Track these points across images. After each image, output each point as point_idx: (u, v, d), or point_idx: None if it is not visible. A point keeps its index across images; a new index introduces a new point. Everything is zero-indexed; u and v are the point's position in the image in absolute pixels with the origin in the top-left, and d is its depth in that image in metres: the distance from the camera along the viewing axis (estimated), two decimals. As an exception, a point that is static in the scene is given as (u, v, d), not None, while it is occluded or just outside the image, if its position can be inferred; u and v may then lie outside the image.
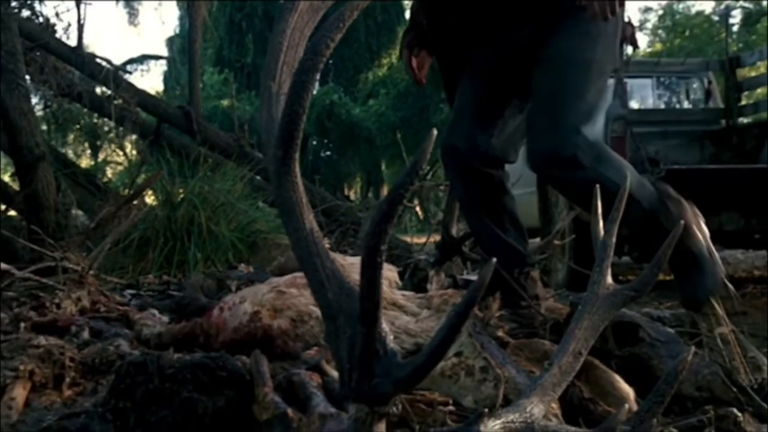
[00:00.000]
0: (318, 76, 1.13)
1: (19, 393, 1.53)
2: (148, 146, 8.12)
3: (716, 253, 2.46)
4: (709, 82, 7.78)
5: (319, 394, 1.32)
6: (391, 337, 1.06)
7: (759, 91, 11.18)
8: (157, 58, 24.75)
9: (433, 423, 1.37)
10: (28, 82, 5.75)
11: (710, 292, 2.28)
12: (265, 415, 1.27)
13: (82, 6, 8.54)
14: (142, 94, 8.39)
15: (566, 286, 5.31)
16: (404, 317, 1.79)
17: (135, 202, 4.97)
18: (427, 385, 1.44)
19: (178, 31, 25.99)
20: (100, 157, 16.35)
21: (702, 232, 2.44)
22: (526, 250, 2.72)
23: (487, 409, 1.10)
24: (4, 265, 2.68)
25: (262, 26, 23.20)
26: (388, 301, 1.84)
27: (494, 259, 0.99)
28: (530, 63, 2.47)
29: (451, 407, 1.46)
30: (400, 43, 2.78)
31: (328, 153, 25.44)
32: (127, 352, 1.79)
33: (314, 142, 24.26)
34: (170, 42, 27.00)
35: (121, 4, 21.90)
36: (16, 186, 6.12)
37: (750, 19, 23.06)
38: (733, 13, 23.97)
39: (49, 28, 7.90)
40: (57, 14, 10.95)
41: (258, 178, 6.68)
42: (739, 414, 1.57)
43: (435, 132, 1.00)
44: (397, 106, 22.36)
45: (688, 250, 2.33)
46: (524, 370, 1.61)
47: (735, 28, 23.54)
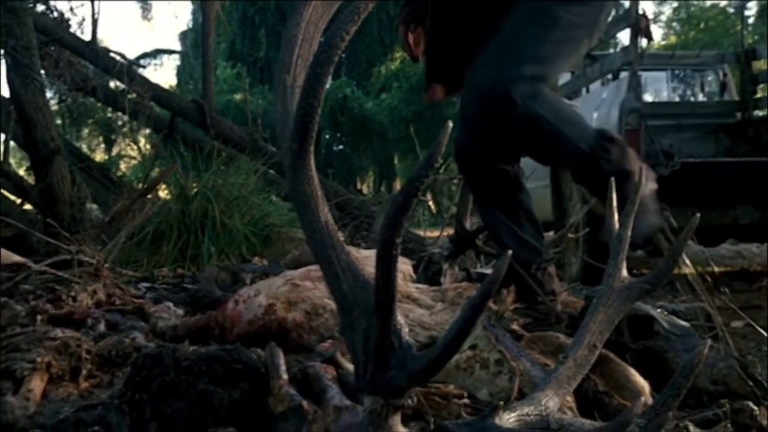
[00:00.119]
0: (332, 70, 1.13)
1: (37, 385, 1.53)
2: (161, 140, 8.15)
3: (656, 204, 2.46)
4: (725, 75, 7.74)
5: (334, 387, 1.33)
6: (407, 330, 1.06)
7: (774, 83, 11.10)
8: (171, 52, 24.82)
9: (448, 416, 1.37)
10: (43, 76, 5.78)
11: (647, 235, 2.26)
12: (280, 408, 1.28)
13: (96, 1, 8.57)
14: (156, 88, 8.42)
15: (580, 279, 5.31)
16: (418, 310, 1.79)
17: (149, 196, 4.99)
18: (441, 378, 1.45)
19: (191, 26, 26.07)
20: (114, 151, 16.43)
21: (646, 178, 2.40)
22: (543, 246, 2.72)
23: (502, 402, 1.10)
24: (20, 258, 2.70)
25: (275, 20, 23.21)
26: (402, 294, 1.84)
27: (510, 252, 0.99)
28: None
29: (466, 400, 1.47)
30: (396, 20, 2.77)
31: (341, 147, 25.47)
32: (143, 345, 1.80)
33: (327, 136, 24.27)
34: (183, 36, 27.08)
35: (135, -2, 21.97)
36: (31, 180, 6.16)
37: (766, 11, 22.88)
38: (749, 5, 23.84)
39: (63, 22, 7.94)
40: (71, 9, 11.02)
41: (271, 171, 6.70)
42: (755, 407, 1.56)
43: (450, 124, 0.99)
44: (409, 100, 22.34)
45: (628, 185, 2.31)
46: (539, 363, 1.62)
47: (751, 20, 23.39)
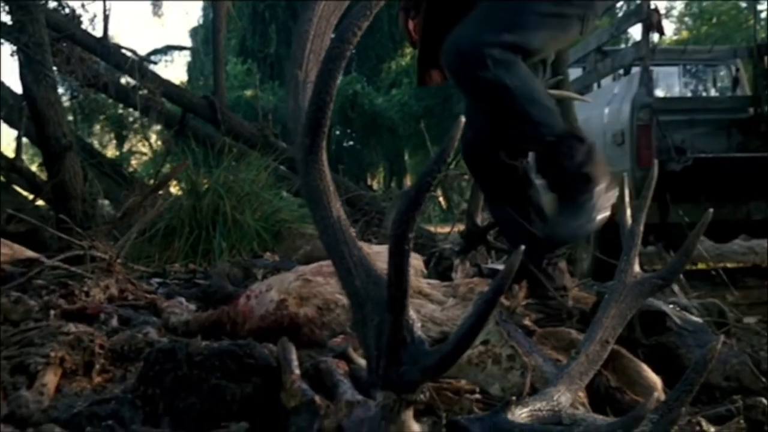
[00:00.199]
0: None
1: (50, 379, 1.54)
2: (173, 136, 8.17)
3: (602, 211, 2.39)
4: (737, 70, 7.69)
5: (346, 382, 1.33)
6: (419, 325, 1.06)
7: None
8: (181, 48, 24.84)
9: (460, 411, 1.37)
10: (55, 72, 5.80)
11: (571, 238, 2.22)
12: (292, 402, 1.28)
13: (107, -2, 8.59)
14: (167, 84, 8.43)
15: (591, 275, 5.29)
16: (430, 305, 1.79)
17: (160, 192, 5.01)
18: (453, 373, 1.44)
19: (201, 22, 26.06)
20: (125, 147, 16.47)
21: (607, 185, 2.39)
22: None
23: (514, 397, 1.10)
24: (33, 254, 2.72)
25: (285, 16, 23.19)
26: (413, 290, 1.84)
27: (522, 247, 0.99)
28: None
29: (478, 395, 1.46)
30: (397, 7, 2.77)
31: (351, 143, 25.45)
32: (155, 340, 1.80)
33: (337, 132, 24.26)
34: (194, 33, 27.09)
35: (145, -6, 22.00)
36: (43, 176, 6.19)
37: (779, 6, 22.73)
38: (762, -1, 23.63)
39: (75, 19, 7.96)
40: (83, 5, 11.05)
41: (282, 167, 6.71)
42: (768, 403, 1.56)
43: (462, 120, 0.99)
44: (420, 96, 22.30)
45: (583, 189, 2.28)
46: (550, 358, 1.61)
47: (763, 15, 23.17)
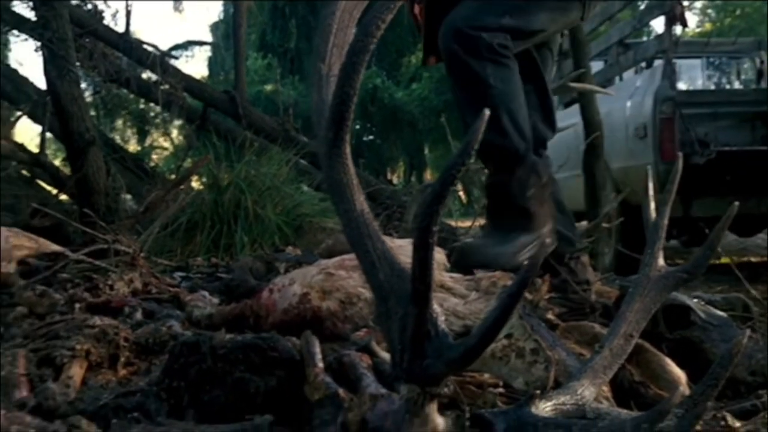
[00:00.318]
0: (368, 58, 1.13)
1: (76, 372, 1.56)
2: (194, 131, 8.21)
3: (528, 255, 2.34)
4: (761, 62, 7.63)
5: (370, 375, 1.33)
6: (443, 318, 1.06)
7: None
8: (202, 43, 24.95)
9: (483, 404, 1.37)
10: (78, 68, 5.84)
11: (481, 265, 2.19)
12: (316, 395, 1.29)
13: (130, -8, 8.64)
14: (189, 79, 8.46)
15: (613, 269, 5.27)
16: (452, 299, 1.79)
17: (182, 186, 5.04)
18: (477, 367, 1.44)
19: (222, 17, 26.16)
20: (146, 142, 16.56)
21: (552, 221, 2.38)
22: (575, 235, 2.71)
23: (538, 391, 1.10)
24: (58, 247, 2.74)
25: (305, 11, 23.24)
26: (436, 283, 1.84)
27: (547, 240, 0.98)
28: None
29: (501, 389, 1.47)
30: None
31: (371, 137, 25.47)
32: (179, 333, 1.82)
33: (357, 126, 24.28)
34: (214, 27, 27.21)
35: (166, -10, 22.09)
36: (67, 171, 6.24)
37: (804, -3, 22.41)
38: (787, -10, 23.30)
39: (97, 14, 8.01)
40: (105, 0, 11.11)
41: (303, 162, 6.72)
42: (794, 398, 1.54)
43: (487, 112, 0.99)
44: (440, 90, 22.27)
45: (520, 224, 2.27)
46: (574, 353, 1.61)
47: (788, 7, 22.89)
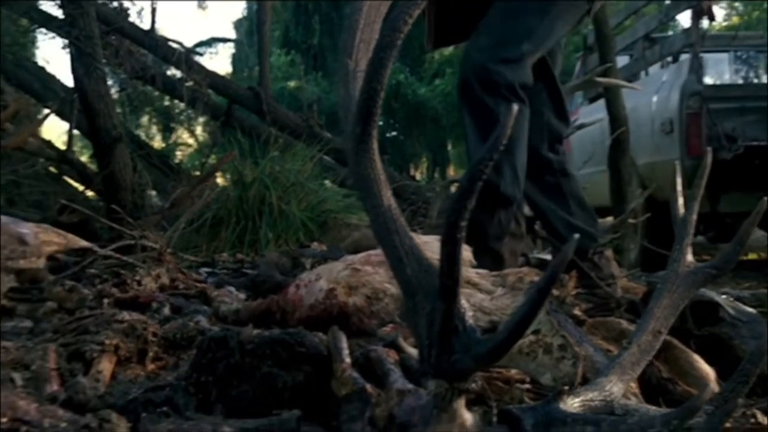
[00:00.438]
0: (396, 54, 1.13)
1: (106, 366, 1.57)
2: (219, 127, 8.26)
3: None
4: (790, 56, 7.53)
5: (397, 371, 1.33)
6: (471, 314, 1.06)
7: (843, 64, 10.72)
8: (225, 40, 24.99)
9: (510, 400, 1.37)
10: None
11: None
12: (343, 391, 1.29)
13: (155, -10, 8.69)
14: (213, 75, 8.51)
15: (639, 265, 5.24)
16: (479, 295, 1.79)
17: (207, 183, 5.07)
18: (504, 363, 1.44)
19: (245, 14, 26.23)
20: (171, 139, 16.65)
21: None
22: (597, 230, 2.69)
23: (566, 387, 1.10)
24: (86, 243, 2.77)
25: (329, 8, 23.24)
26: (462, 279, 1.84)
27: (576, 235, 0.98)
28: None
29: (528, 385, 1.46)
30: None
31: (394, 133, 25.41)
32: (207, 328, 1.83)
33: (380, 123, 24.25)
34: (238, 24, 27.28)
35: (191, -13, 22.18)
36: (93, 167, 6.31)
37: (834, -11, 22.06)
38: (816, -18, 22.97)
39: (123, 12, 8.07)
40: (130, -2, 11.19)
41: (327, 158, 6.73)
42: (825, 395, 1.53)
43: (515, 107, 0.99)
44: (463, 86, 22.16)
45: (487, 265, 2.26)
46: (601, 349, 1.60)
47: (817, -1, 22.56)
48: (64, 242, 2.65)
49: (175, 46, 8.21)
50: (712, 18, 6.35)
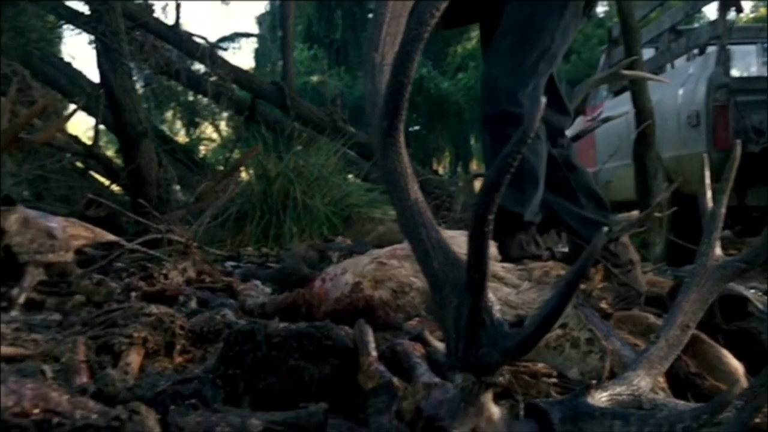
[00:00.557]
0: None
1: (134, 359, 1.59)
2: (243, 122, 8.28)
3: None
4: (819, 48, 7.42)
5: (423, 364, 1.33)
6: (498, 308, 1.06)
7: None
8: (248, 35, 25.03)
9: (537, 394, 1.36)
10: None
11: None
12: (370, 384, 1.29)
13: (179, -14, 8.72)
14: (237, 70, 8.54)
15: (664, 259, 5.20)
16: (504, 289, 1.78)
17: (232, 177, 5.10)
18: (531, 357, 1.44)
19: (268, 9, 26.26)
20: (194, 134, 16.70)
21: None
22: (609, 218, 2.69)
23: (594, 381, 1.09)
24: (113, 237, 2.79)
25: (351, 2, 23.22)
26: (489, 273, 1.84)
27: (605, 228, 0.97)
28: None
29: (555, 379, 1.46)
30: None
31: (417, 127, 25.36)
32: (233, 321, 1.84)
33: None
34: (260, 19, 27.32)
35: (213, -18, 22.22)
36: (119, 162, 6.35)
37: None
38: None
39: (148, 7, 8.12)
40: (155, -6, 11.25)
41: (351, 152, 6.74)
42: None
43: (544, 100, 0.98)
44: (486, 79, 22.05)
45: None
46: (628, 343, 1.59)
47: None
48: (91, 236, 2.68)
49: (199, 41, 8.25)
50: (740, 9, 6.27)
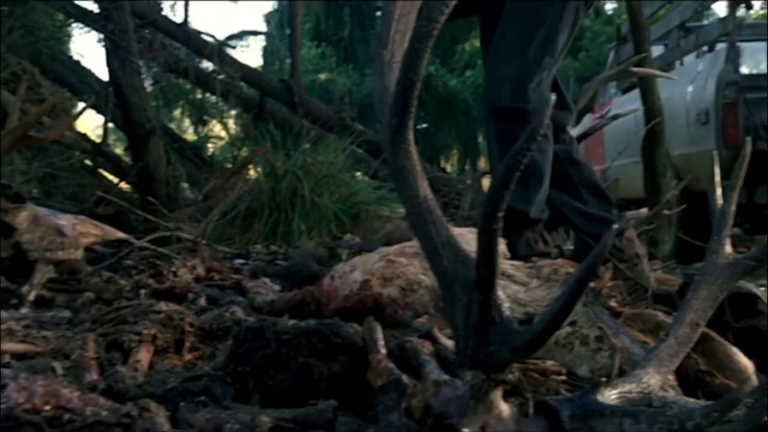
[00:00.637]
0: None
1: (144, 356, 1.59)
2: (251, 120, 8.29)
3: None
4: (829, 45, 7.36)
5: (432, 362, 1.33)
6: (507, 305, 1.05)
7: None
8: (256, 33, 25.02)
9: (546, 392, 1.36)
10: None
11: None
12: (379, 381, 1.29)
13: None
14: (245, 68, 8.54)
15: (674, 257, 5.18)
16: (513, 286, 1.78)
17: (240, 175, 5.10)
18: (540, 354, 1.44)
19: (276, 7, 26.25)
20: (202, 132, 16.70)
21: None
22: (613, 215, 2.69)
23: (603, 379, 1.09)
24: (122, 234, 2.80)
25: (359, 0, 23.20)
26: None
27: (615, 225, 0.97)
28: None
29: (564, 376, 1.46)
30: None
31: (425, 125, 25.33)
32: (242, 319, 1.84)
33: (411, 114, 24.11)
34: (268, 17, 27.32)
35: (221, -20, 22.24)
36: (128, 160, 6.36)
37: None
38: None
39: (156, 5, 8.14)
40: (163, -8, 11.26)
41: (359, 150, 6.74)
42: None
43: (553, 98, 0.98)
44: (494, 77, 22.00)
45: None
46: (638, 341, 1.59)
47: None
48: (101, 234, 2.69)
49: (207, 39, 8.26)
50: (750, 6, 6.24)
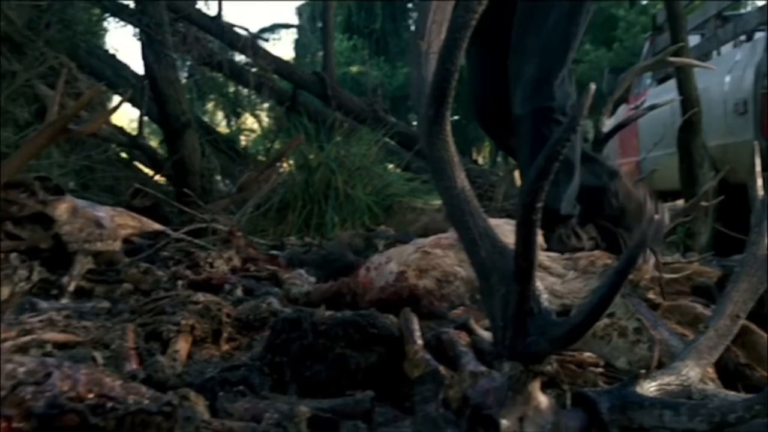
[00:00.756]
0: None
1: (182, 346, 1.61)
2: (284, 112, 8.33)
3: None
4: None
5: (469, 353, 1.33)
6: (546, 296, 1.05)
7: None
8: (288, 26, 25.10)
9: (584, 384, 1.36)
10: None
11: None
12: (416, 372, 1.30)
13: (221, -24, 8.78)
14: (278, 61, 8.58)
15: (710, 249, 5.12)
16: (550, 278, 1.78)
17: (274, 167, 5.13)
18: (578, 346, 1.43)
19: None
20: (235, 124, 16.79)
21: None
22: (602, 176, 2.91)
23: (642, 371, 1.08)
24: (159, 226, 2.83)
25: (391, -7, 23.19)
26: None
27: (656, 216, 0.96)
28: None
29: (601, 368, 1.45)
30: None
31: (457, 117, 25.23)
32: (279, 310, 1.86)
33: (443, 106, 24.03)
34: (300, 10, 27.38)
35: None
36: (163, 153, 6.43)
37: None
38: None
39: (190, -1, 8.19)
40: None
41: (392, 142, 6.74)
42: None
43: (593, 87, 0.97)
44: (527, 68, 21.87)
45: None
46: (676, 333, 1.57)
47: None
48: (138, 225, 2.73)
49: (240, 32, 8.30)
50: (789, -6, 6.12)
